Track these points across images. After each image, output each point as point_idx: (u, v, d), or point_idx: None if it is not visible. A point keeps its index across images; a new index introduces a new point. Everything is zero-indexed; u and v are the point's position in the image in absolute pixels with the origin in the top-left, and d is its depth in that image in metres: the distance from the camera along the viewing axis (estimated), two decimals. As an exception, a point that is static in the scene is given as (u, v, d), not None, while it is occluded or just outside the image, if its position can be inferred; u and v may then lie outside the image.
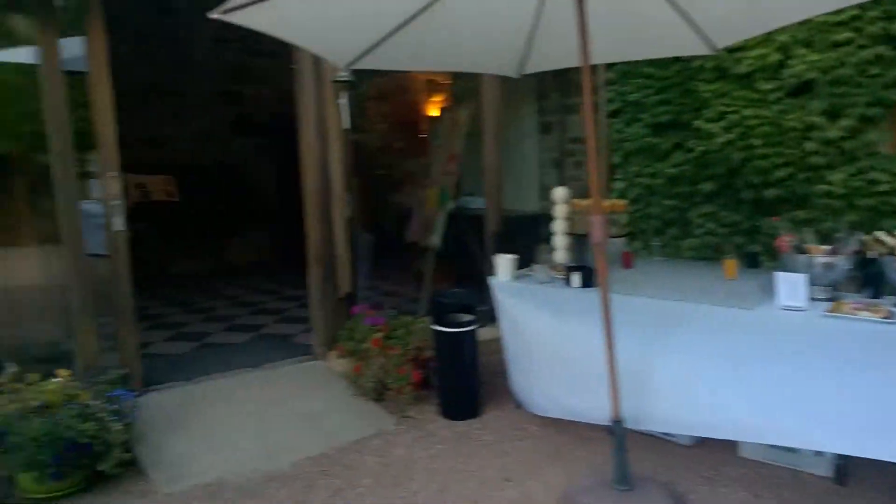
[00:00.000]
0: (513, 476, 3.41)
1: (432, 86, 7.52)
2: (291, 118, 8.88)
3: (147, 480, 3.45)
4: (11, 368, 3.37)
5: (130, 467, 3.45)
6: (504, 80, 5.07)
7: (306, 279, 4.83)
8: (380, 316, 4.49)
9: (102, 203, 3.93)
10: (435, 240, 5.45)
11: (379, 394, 4.29)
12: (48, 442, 3.08)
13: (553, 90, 5.70)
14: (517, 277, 3.89)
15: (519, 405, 4.12)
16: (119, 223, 3.84)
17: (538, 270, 3.80)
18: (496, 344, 4.45)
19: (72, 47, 3.80)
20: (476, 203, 5.76)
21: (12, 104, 4.10)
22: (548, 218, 4.04)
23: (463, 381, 4.08)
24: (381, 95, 7.57)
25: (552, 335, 3.62)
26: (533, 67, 3.64)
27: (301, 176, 4.66)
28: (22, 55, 3.95)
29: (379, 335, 4.32)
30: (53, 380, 3.41)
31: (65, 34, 3.74)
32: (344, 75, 3.32)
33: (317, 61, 4.38)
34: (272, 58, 8.66)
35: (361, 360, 4.37)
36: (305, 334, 5.53)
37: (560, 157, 5.71)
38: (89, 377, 3.67)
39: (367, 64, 3.26)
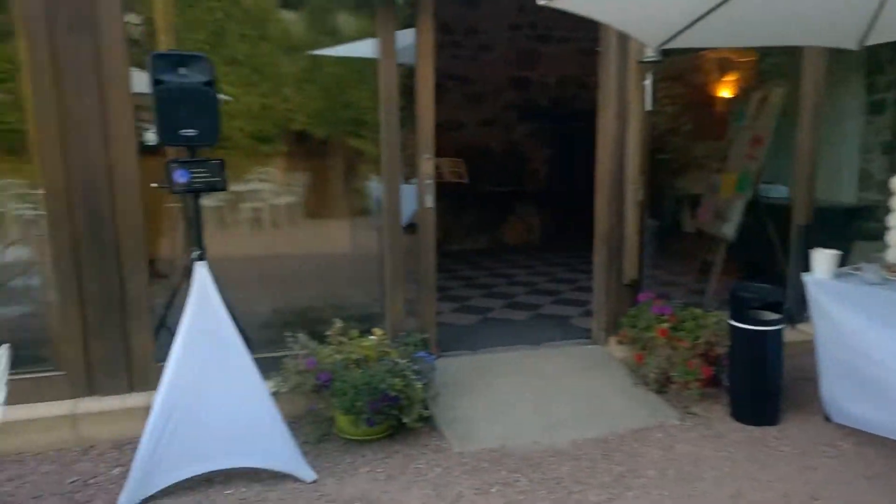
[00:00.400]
0: (821, 495, 3.06)
1: (727, 64, 6.99)
2: (571, 102, 8.99)
3: (440, 438, 3.71)
4: (338, 323, 3.83)
5: (426, 423, 3.74)
6: (830, 54, 4.52)
7: (593, 260, 4.80)
8: (667, 305, 4.32)
9: (410, 182, 4.28)
10: (729, 229, 5.08)
11: (661, 386, 4.16)
12: (366, 391, 3.45)
13: (889, 63, 4.92)
14: (838, 276, 3.46)
15: (828, 417, 3.69)
16: (430, 201, 4.15)
17: (867, 270, 3.35)
18: (799, 346, 4.05)
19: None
20: (777, 191, 5.25)
21: (336, 94, 4.61)
22: (868, 210, 3.52)
23: (762, 383, 3.76)
24: (671, 76, 7.23)
25: (885, 344, 3.16)
26: (879, 37, 3.15)
27: (596, 157, 4.63)
28: (343, 50, 4.44)
29: (666, 325, 4.16)
30: (370, 337, 3.82)
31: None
32: (652, 55, 3.21)
33: (622, 43, 4.31)
34: (560, 43, 8.81)
35: (644, 349, 4.26)
36: (583, 318, 5.54)
37: (894, 140, 4.93)
38: (396, 338, 4.05)
39: (680, 43, 3.11)
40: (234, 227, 4.68)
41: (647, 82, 3.95)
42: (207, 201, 4.46)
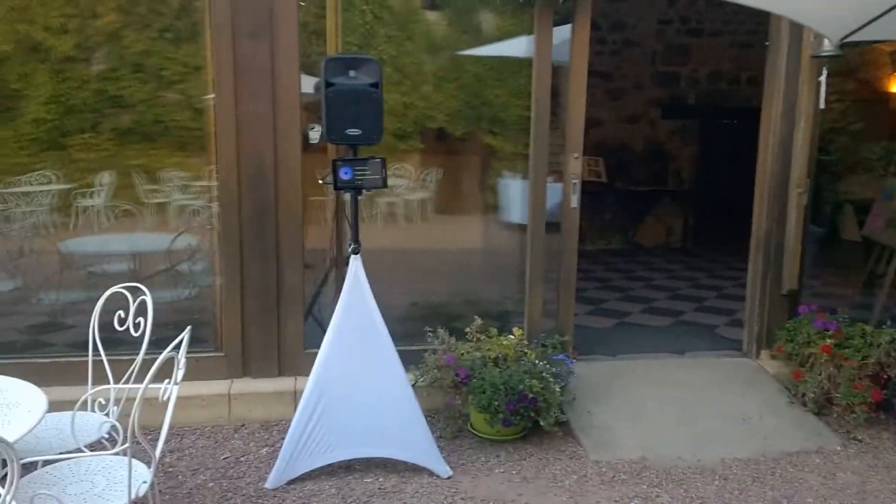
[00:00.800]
0: None
1: (905, 56, 6.33)
2: (723, 98, 8.49)
3: (576, 444, 3.63)
4: (477, 321, 3.83)
5: (562, 428, 3.66)
6: None
7: (747, 267, 4.53)
8: (831, 320, 3.98)
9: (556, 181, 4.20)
10: (905, 239, 4.61)
11: (821, 407, 3.90)
12: (504, 390, 3.43)
13: None
14: None
15: None
16: (575, 201, 4.08)
17: None
18: None
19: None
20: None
21: (476, 93, 4.61)
22: None
23: (944, 412, 3.38)
24: (838, 71, 6.65)
25: None
26: None
27: (756, 157, 4.36)
28: (492, 49, 4.42)
29: (830, 341, 3.85)
30: (509, 336, 3.80)
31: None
32: (829, 49, 2.94)
33: (795, 36, 4.05)
34: (712, 37, 8.38)
35: (803, 365, 3.99)
36: (729, 328, 5.27)
37: None
38: (533, 339, 4.00)
39: (866, 35, 2.84)
40: (369, 221, 4.81)
41: (822, 78, 3.66)
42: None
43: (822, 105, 3.83)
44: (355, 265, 3.15)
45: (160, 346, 2.61)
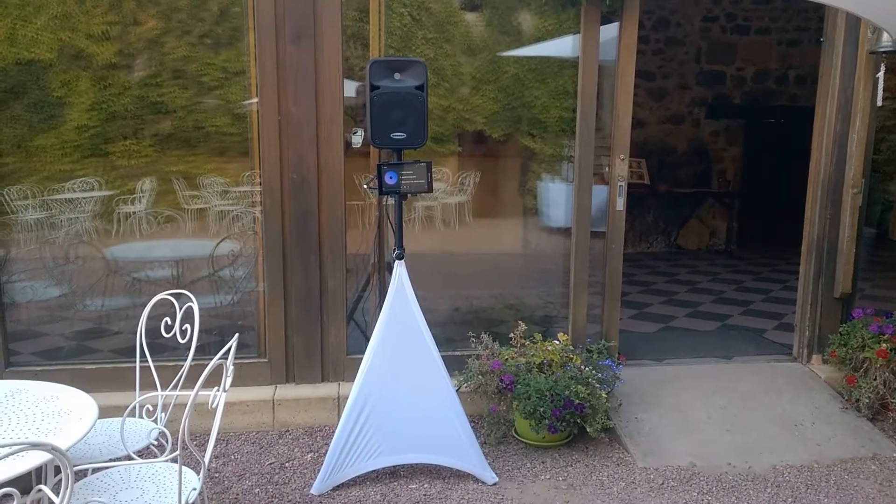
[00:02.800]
0: None
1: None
2: (769, 97, 8.29)
3: (622, 450, 3.56)
4: (521, 326, 3.77)
5: (608, 434, 3.61)
6: None
7: (799, 270, 4.40)
8: (888, 323, 3.84)
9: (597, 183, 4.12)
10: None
11: (875, 412, 3.80)
12: (550, 396, 3.38)
13: None
14: None
15: None
16: (620, 203, 4.00)
17: None
18: None
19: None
20: None
21: (515, 95, 4.56)
22: None
23: None
24: (891, 68, 6.43)
25: None
26: None
27: (811, 157, 4.24)
28: (534, 49, 4.36)
29: (885, 346, 3.74)
30: (554, 341, 3.73)
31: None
32: (888, 45, 2.83)
33: (851, 32, 3.93)
34: (759, 34, 8.21)
35: (857, 370, 3.89)
36: (778, 332, 5.14)
37: None
38: (578, 344, 3.93)
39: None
40: (407, 224, 4.78)
41: (880, 75, 3.53)
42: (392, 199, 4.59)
43: (879, 102, 3.70)
44: (400, 270, 3.13)
45: (203, 351, 2.62)
